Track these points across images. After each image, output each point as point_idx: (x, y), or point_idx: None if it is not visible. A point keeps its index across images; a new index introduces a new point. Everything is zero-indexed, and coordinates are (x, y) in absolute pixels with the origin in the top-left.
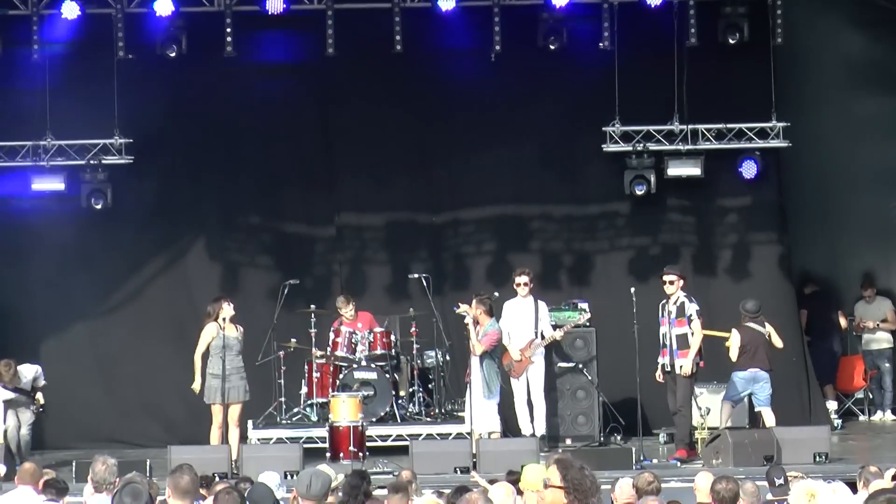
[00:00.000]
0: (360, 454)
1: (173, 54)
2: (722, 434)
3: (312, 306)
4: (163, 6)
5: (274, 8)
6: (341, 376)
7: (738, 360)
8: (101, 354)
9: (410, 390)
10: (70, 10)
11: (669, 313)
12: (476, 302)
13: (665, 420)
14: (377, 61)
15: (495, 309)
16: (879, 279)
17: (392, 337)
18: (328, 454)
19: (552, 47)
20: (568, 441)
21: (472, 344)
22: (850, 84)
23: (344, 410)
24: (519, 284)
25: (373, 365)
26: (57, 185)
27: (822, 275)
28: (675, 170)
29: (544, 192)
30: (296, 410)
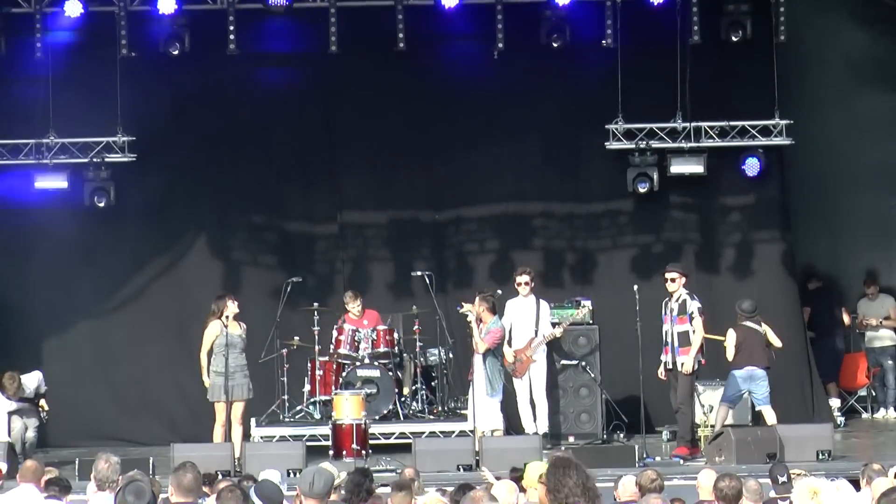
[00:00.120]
0: (363, 452)
1: (176, 52)
2: (725, 432)
3: (315, 304)
4: (166, 4)
5: (277, 5)
6: (344, 374)
7: (735, 359)
8: (104, 352)
9: (413, 388)
10: (73, 8)
11: (671, 311)
12: (479, 299)
13: (668, 418)
14: (380, 58)
15: (498, 307)
16: (882, 276)
17: (395, 335)
18: (331, 452)
19: (555, 45)
20: (571, 439)
21: (476, 342)
22: (853, 81)
23: (347, 408)
24: (520, 284)
25: (376, 363)
26: (60, 184)
27: (825, 272)
28: (678, 167)
29: (547, 190)
30: (299, 408)
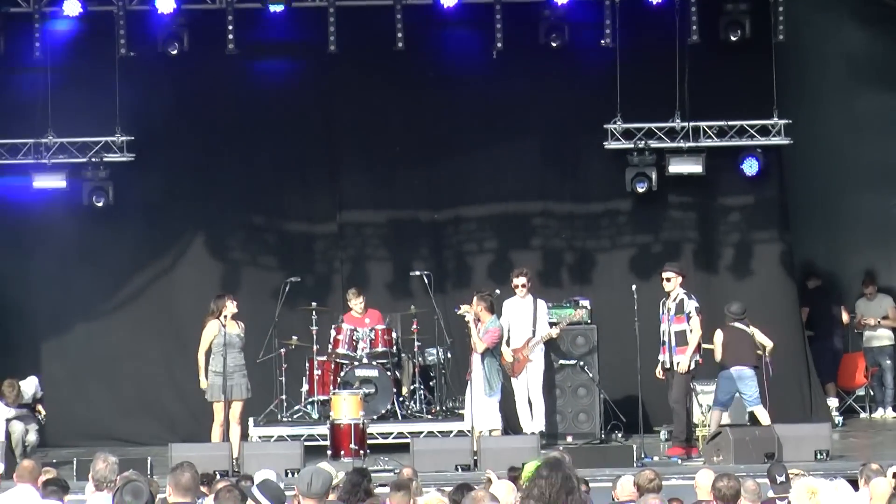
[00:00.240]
0: (361, 452)
1: (175, 52)
2: (723, 431)
3: (314, 304)
4: (164, 3)
5: (276, 5)
6: (342, 374)
7: (723, 358)
8: (102, 352)
9: (412, 388)
10: (72, 8)
11: (669, 310)
12: (477, 299)
13: (666, 418)
14: (379, 58)
15: (496, 306)
16: (881, 276)
17: (393, 334)
18: (329, 452)
19: (554, 44)
20: (569, 438)
21: (474, 342)
22: (852, 81)
23: (345, 408)
24: (517, 286)
25: (374, 362)
26: (58, 183)
27: (824, 272)
28: (677, 167)
29: (546, 190)
30: (297, 408)
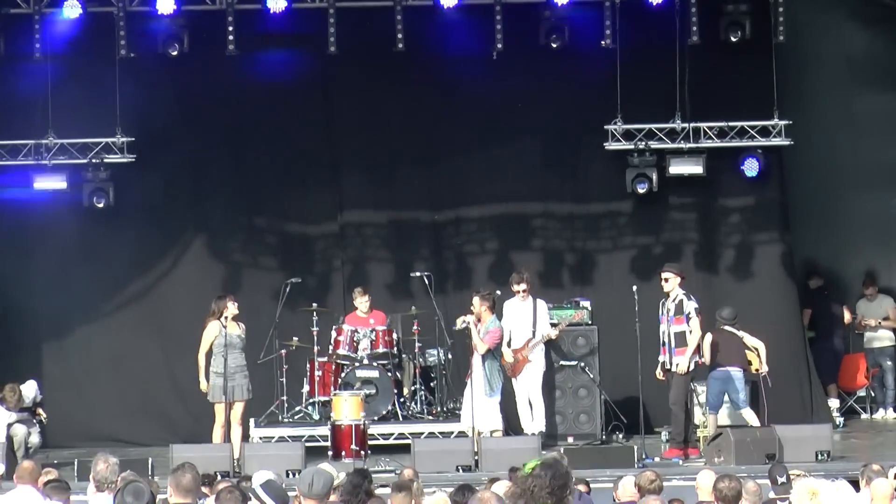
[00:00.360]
0: (362, 453)
1: (175, 53)
2: (724, 432)
3: (314, 305)
4: (164, 4)
5: (276, 6)
6: (343, 375)
7: (712, 360)
8: (103, 353)
9: (412, 389)
10: (72, 9)
11: (668, 311)
12: (479, 299)
13: (667, 418)
14: (379, 59)
15: (496, 307)
16: (881, 277)
17: (394, 335)
18: (330, 453)
19: (554, 45)
20: (570, 439)
21: (475, 343)
22: (852, 81)
23: (346, 409)
24: (517, 292)
25: (375, 363)
26: (59, 184)
27: (825, 272)
28: (677, 168)
29: (546, 191)
30: (298, 409)
